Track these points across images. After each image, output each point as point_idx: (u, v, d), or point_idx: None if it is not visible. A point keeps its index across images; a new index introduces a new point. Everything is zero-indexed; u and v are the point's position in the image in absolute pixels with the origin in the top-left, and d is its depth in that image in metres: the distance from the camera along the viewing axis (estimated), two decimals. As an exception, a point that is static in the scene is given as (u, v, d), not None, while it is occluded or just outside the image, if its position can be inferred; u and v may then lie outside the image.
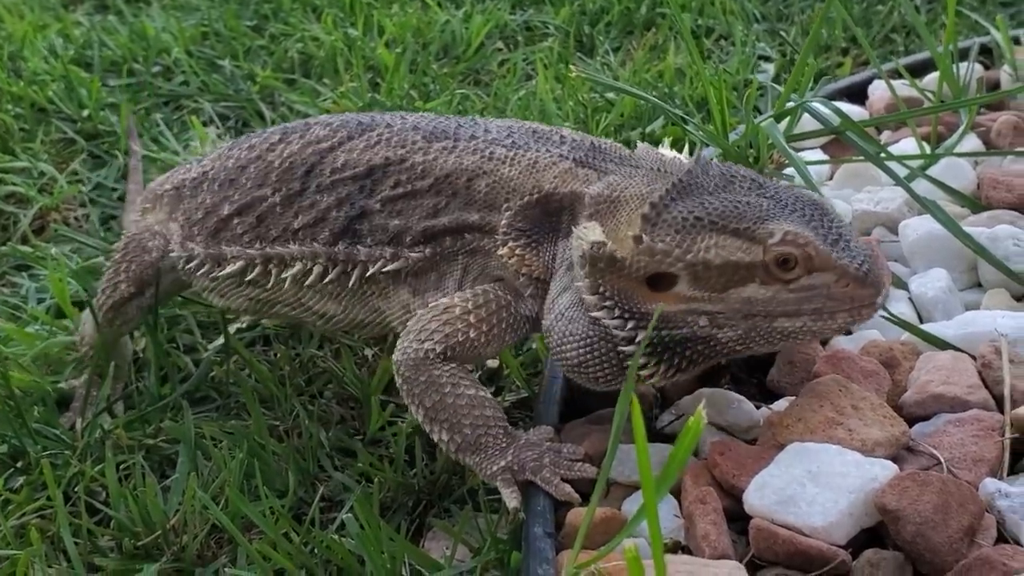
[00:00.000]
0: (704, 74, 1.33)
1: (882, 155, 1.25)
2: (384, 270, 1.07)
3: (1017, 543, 0.86)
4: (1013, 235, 1.14)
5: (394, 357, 1.00)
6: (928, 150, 1.35)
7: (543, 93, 1.82)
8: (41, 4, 2.55)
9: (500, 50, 2.18)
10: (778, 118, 1.30)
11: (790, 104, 1.34)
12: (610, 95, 1.83)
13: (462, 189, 1.06)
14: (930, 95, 1.48)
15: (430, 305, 1.02)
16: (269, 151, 1.16)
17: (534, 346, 1.28)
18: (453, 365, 0.99)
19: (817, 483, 0.88)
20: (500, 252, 1.02)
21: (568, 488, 0.93)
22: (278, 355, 1.32)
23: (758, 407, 1.03)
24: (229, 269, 1.15)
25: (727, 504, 0.91)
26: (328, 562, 1.01)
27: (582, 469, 0.95)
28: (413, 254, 1.06)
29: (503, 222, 1.03)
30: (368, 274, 1.07)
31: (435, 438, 0.99)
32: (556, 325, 0.98)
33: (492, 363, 1.25)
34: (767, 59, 2.01)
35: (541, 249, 1.02)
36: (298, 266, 1.10)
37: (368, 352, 1.33)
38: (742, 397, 1.03)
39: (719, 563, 0.84)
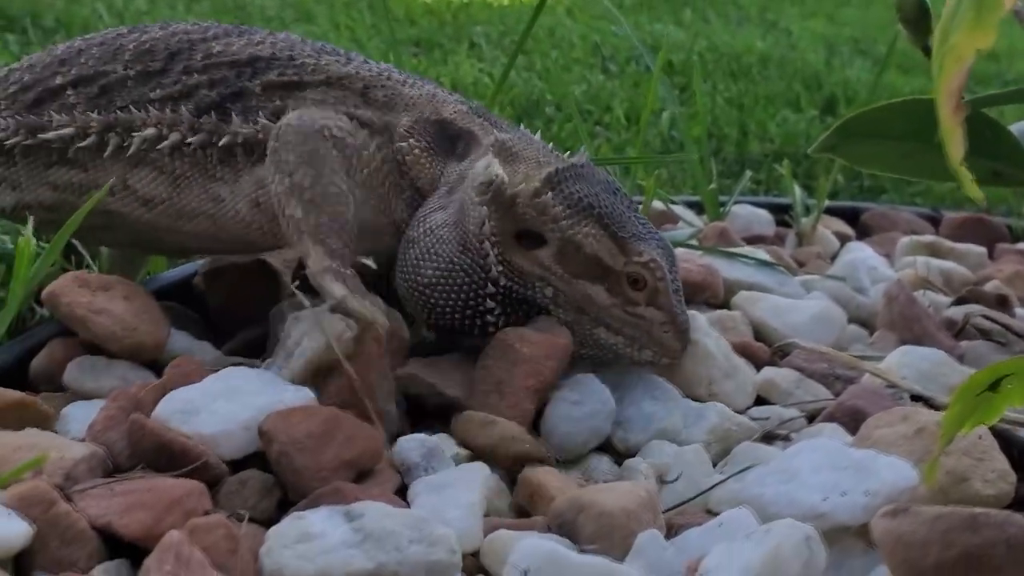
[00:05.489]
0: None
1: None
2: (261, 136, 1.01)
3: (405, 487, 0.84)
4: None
5: (282, 121, 0.97)
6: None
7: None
8: None
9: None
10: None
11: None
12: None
13: (357, 92, 1.04)
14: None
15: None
16: (119, 38, 1.11)
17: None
18: (338, 153, 0.97)
19: (231, 399, 0.86)
20: (401, 144, 1.02)
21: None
22: None
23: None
24: (51, 135, 1.06)
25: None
26: None
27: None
28: None
29: (404, 120, 1.03)
30: (236, 143, 1.02)
31: (288, 213, 0.95)
32: (423, 239, 0.98)
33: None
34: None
35: (435, 160, 1.03)
36: (151, 131, 1.04)
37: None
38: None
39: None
